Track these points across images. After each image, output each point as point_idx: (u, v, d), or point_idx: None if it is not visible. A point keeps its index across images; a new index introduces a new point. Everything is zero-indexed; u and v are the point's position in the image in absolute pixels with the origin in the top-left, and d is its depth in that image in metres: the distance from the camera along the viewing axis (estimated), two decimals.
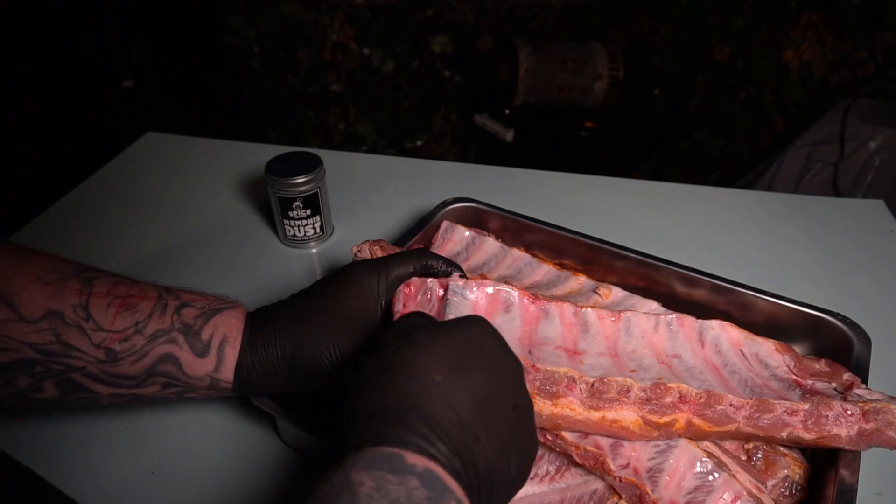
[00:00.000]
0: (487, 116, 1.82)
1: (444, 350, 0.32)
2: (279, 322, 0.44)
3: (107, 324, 0.39)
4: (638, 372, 0.44)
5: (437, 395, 0.30)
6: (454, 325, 0.34)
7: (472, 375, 0.32)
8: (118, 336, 0.39)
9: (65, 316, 0.38)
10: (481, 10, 1.94)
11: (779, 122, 2.03)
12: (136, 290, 0.41)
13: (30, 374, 0.38)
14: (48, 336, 0.38)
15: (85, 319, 0.39)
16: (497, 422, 0.32)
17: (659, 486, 0.41)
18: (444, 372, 0.31)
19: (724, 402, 0.41)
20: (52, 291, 0.38)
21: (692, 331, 0.48)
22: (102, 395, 0.41)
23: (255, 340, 0.43)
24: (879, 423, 0.40)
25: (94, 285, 0.40)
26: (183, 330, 0.41)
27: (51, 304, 0.38)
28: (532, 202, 0.84)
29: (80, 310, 0.38)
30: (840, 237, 0.79)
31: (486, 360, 0.33)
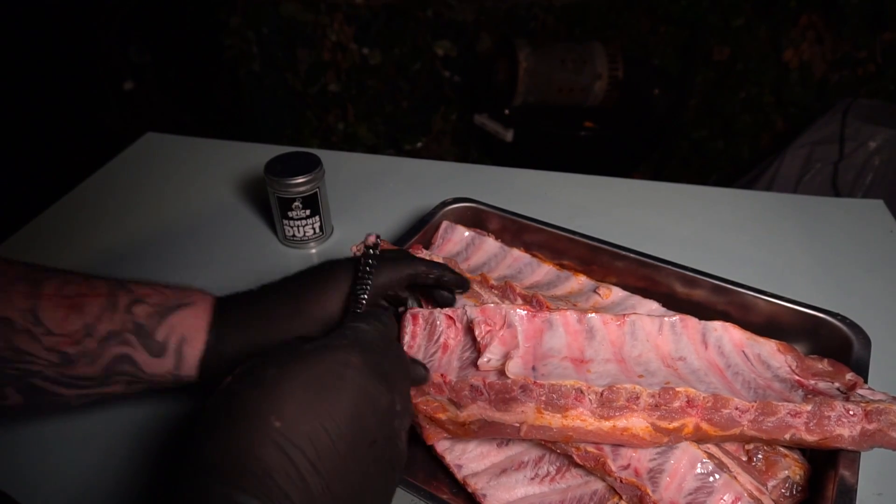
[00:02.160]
0: (487, 117, 1.82)
1: (290, 388, 0.29)
2: (251, 321, 0.42)
3: (56, 327, 0.37)
4: (645, 377, 0.44)
5: (272, 445, 0.27)
6: (313, 352, 0.31)
7: (318, 416, 0.28)
8: (69, 340, 0.38)
9: (13, 322, 0.36)
10: (481, 10, 1.93)
11: (778, 122, 2.03)
12: (86, 289, 0.39)
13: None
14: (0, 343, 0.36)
15: (34, 324, 0.37)
16: (349, 465, 0.29)
17: (660, 486, 0.41)
18: (284, 415, 0.28)
19: (729, 405, 0.41)
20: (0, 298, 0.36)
21: (696, 332, 0.48)
22: (69, 397, 0.40)
23: (222, 338, 0.41)
24: (882, 424, 0.40)
25: (43, 287, 0.38)
26: (135, 330, 0.39)
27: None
28: (532, 202, 0.84)
29: (29, 314, 0.37)
30: (840, 237, 0.79)
31: (339, 395, 0.30)
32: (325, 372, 0.30)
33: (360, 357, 0.32)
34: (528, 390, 0.41)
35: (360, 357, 0.32)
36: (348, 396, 0.30)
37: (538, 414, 0.41)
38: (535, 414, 0.41)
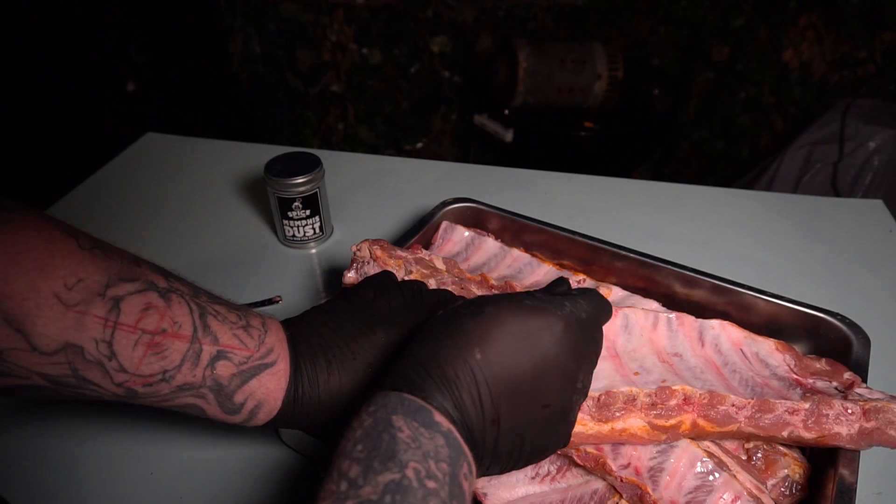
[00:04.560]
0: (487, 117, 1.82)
1: (499, 329, 0.34)
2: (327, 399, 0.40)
3: (132, 366, 0.34)
4: (641, 374, 0.44)
5: (468, 371, 0.32)
6: (531, 308, 0.35)
7: (512, 363, 0.33)
8: (142, 381, 0.35)
9: (85, 351, 0.33)
10: (481, 10, 1.94)
11: (778, 122, 2.03)
12: (168, 322, 0.35)
13: (37, 394, 0.35)
14: (64, 370, 0.33)
15: (108, 358, 0.34)
16: (520, 414, 0.33)
17: (660, 485, 0.41)
18: (486, 350, 0.33)
19: (726, 402, 0.41)
20: (73, 321, 0.32)
21: (692, 330, 0.49)
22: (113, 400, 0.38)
23: (298, 410, 0.39)
24: (880, 422, 0.40)
25: (122, 312, 0.34)
26: (214, 388, 0.37)
27: (70, 336, 0.32)
28: (532, 202, 0.84)
29: (104, 345, 0.33)
30: (839, 237, 0.79)
31: (536, 352, 0.34)
32: (533, 328, 0.34)
33: (568, 328, 0.35)
34: None
35: (568, 328, 0.35)
36: (543, 357, 0.34)
37: None
38: None
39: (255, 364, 0.38)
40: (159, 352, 0.35)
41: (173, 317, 0.35)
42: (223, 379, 0.37)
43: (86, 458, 0.53)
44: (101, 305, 0.33)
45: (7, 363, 0.32)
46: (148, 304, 0.35)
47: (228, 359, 0.37)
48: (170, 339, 0.35)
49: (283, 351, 0.39)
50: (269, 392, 0.38)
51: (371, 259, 0.57)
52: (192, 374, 0.36)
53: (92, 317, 0.33)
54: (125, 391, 0.35)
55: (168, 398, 0.36)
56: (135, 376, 0.35)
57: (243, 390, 0.38)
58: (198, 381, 0.36)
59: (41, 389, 0.34)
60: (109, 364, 0.34)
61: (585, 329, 0.37)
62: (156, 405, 0.37)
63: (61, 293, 0.32)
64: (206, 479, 0.51)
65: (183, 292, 0.37)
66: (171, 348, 0.35)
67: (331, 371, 0.40)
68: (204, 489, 0.50)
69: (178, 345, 0.35)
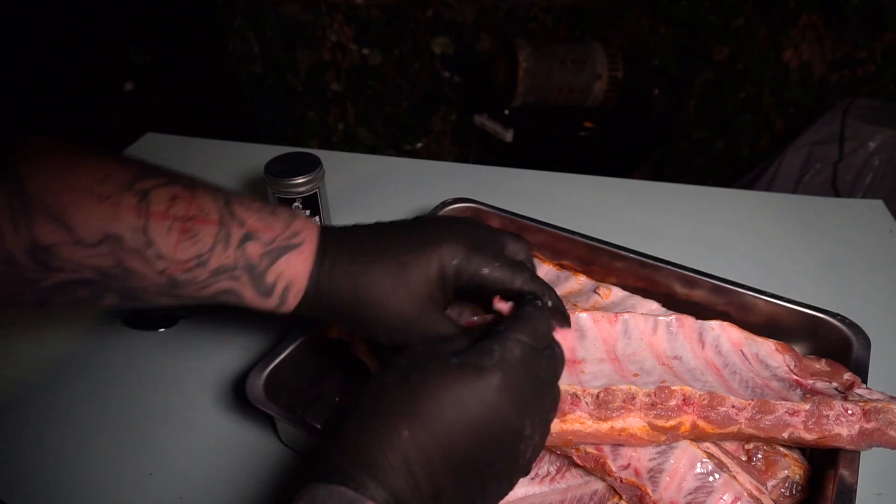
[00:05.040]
0: (487, 117, 1.82)
1: (424, 400, 0.32)
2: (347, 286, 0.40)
3: (168, 252, 0.36)
4: (641, 375, 0.44)
5: (397, 454, 0.30)
6: (456, 369, 0.33)
7: (443, 435, 0.31)
8: (180, 266, 0.37)
9: (125, 240, 0.35)
10: (481, 10, 1.94)
11: (778, 122, 2.03)
12: (196, 209, 0.37)
13: (89, 289, 0.36)
14: (109, 261, 0.35)
15: (146, 245, 0.35)
16: (463, 482, 0.32)
17: (659, 486, 0.41)
18: (413, 425, 0.31)
19: (726, 403, 0.41)
20: (108, 211, 0.34)
21: (692, 332, 0.48)
22: (163, 305, 0.40)
23: (320, 295, 0.40)
24: (880, 423, 0.40)
25: (152, 202, 0.35)
26: (247, 268, 0.38)
27: (108, 226, 0.34)
28: (532, 202, 0.84)
29: (140, 233, 0.35)
30: (839, 237, 0.79)
31: (468, 417, 0.32)
32: (463, 392, 0.32)
33: (502, 379, 0.33)
34: None
35: (502, 379, 0.33)
36: (478, 420, 0.32)
37: None
38: None
39: (281, 244, 0.39)
40: (192, 236, 0.36)
41: (200, 204, 0.37)
42: (253, 258, 0.38)
43: (85, 458, 0.53)
44: (131, 197, 0.35)
45: (59, 258, 0.34)
46: (175, 194, 0.36)
47: (256, 239, 0.38)
48: (199, 224, 0.37)
49: (311, 235, 0.41)
50: (297, 272, 0.39)
51: None
52: (225, 256, 0.38)
53: (125, 207, 0.35)
54: (167, 280, 0.37)
55: (206, 284, 0.38)
56: (173, 262, 0.36)
57: (273, 270, 0.39)
58: (231, 262, 0.38)
59: (94, 283, 0.36)
60: (148, 252, 0.35)
61: (522, 370, 0.34)
62: (197, 295, 0.38)
63: (93, 188, 0.34)
64: (205, 479, 0.51)
65: (206, 185, 0.39)
66: (202, 232, 0.37)
67: (354, 261, 0.40)
68: (204, 489, 0.50)
69: (208, 229, 0.37)
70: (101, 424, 0.56)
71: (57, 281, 0.35)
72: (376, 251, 0.41)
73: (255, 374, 0.49)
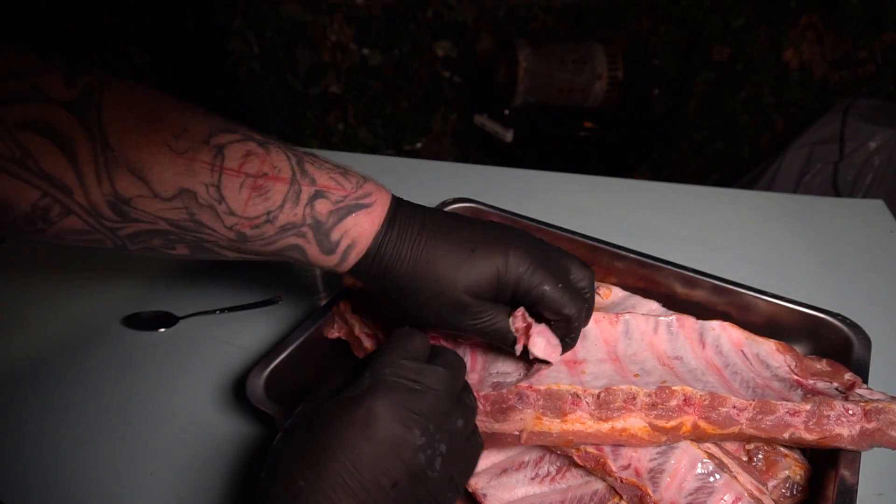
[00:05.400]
0: (487, 117, 1.82)
1: (312, 448, 0.32)
2: (410, 257, 0.40)
3: (239, 208, 0.37)
4: (641, 376, 0.44)
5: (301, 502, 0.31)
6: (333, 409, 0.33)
7: (338, 472, 0.31)
8: (249, 223, 0.38)
9: (198, 196, 0.36)
10: (481, 10, 1.93)
11: (779, 122, 2.03)
12: (268, 167, 0.38)
13: (164, 239, 0.38)
14: (182, 214, 0.36)
15: (218, 201, 0.36)
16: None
17: (660, 487, 0.41)
18: (307, 475, 0.31)
19: (727, 404, 0.41)
20: (184, 167, 0.35)
21: (693, 332, 0.48)
22: (230, 258, 0.41)
23: (379, 259, 0.41)
24: (881, 423, 0.40)
25: (226, 158, 0.36)
26: (314, 226, 0.39)
27: (183, 181, 0.35)
28: (532, 202, 0.84)
29: (213, 189, 0.36)
30: (840, 237, 0.79)
31: (357, 448, 0.32)
32: (345, 428, 0.32)
33: (378, 401, 0.33)
34: (525, 397, 0.42)
35: (378, 401, 0.33)
36: (365, 447, 0.32)
37: (537, 420, 0.42)
38: (534, 420, 0.42)
39: (351, 203, 0.40)
40: (262, 193, 0.37)
41: (273, 162, 0.38)
42: (321, 216, 0.39)
43: (85, 458, 0.53)
44: (206, 152, 0.36)
45: (136, 210, 0.35)
46: (248, 151, 0.37)
47: (326, 197, 0.39)
48: (271, 182, 0.38)
49: (383, 199, 0.41)
50: (363, 231, 0.40)
51: None
52: (293, 214, 0.38)
53: (200, 162, 0.36)
54: (236, 234, 0.38)
55: (273, 240, 0.39)
56: (242, 219, 0.37)
57: (339, 227, 0.39)
58: (298, 220, 0.39)
59: (168, 234, 0.37)
60: (220, 207, 0.37)
61: (397, 386, 0.34)
62: (263, 251, 0.39)
63: (170, 142, 0.35)
64: (205, 479, 0.51)
65: (279, 144, 0.39)
66: (272, 190, 0.38)
67: (422, 232, 0.41)
68: (204, 489, 0.50)
69: (279, 186, 0.38)
70: (101, 424, 0.56)
71: (134, 231, 0.36)
72: (448, 230, 0.41)
73: (255, 374, 0.49)
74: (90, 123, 0.33)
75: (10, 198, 0.33)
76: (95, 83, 0.34)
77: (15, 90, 0.32)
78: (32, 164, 0.33)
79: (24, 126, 0.32)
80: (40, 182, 0.33)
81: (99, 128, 0.33)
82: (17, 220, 0.34)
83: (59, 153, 0.33)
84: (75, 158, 0.33)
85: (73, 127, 0.33)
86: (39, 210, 0.34)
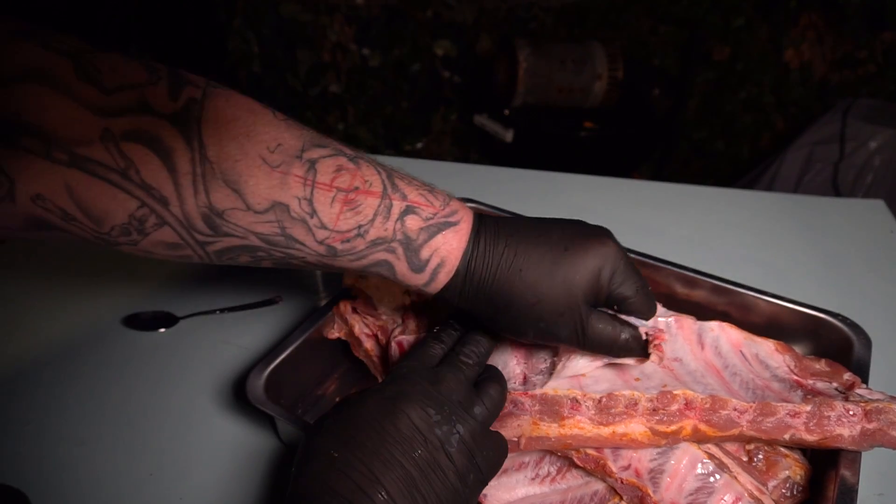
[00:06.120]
0: (487, 117, 1.82)
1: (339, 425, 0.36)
2: (500, 270, 0.40)
3: (330, 222, 0.37)
4: (642, 380, 0.44)
5: (336, 471, 0.34)
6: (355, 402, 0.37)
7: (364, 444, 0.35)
8: (340, 237, 0.38)
9: (290, 209, 0.36)
10: (481, 10, 1.94)
11: (779, 122, 2.03)
12: (359, 181, 0.38)
13: (251, 256, 0.38)
14: (274, 228, 0.36)
15: (310, 215, 0.37)
16: (396, 471, 0.34)
17: (660, 487, 0.41)
18: (340, 448, 0.35)
19: (728, 406, 0.41)
20: (278, 180, 0.36)
21: (691, 333, 0.48)
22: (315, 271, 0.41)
23: (470, 276, 0.40)
24: (882, 423, 0.40)
25: (318, 173, 0.37)
26: (404, 242, 0.39)
27: (276, 194, 0.36)
28: (532, 202, 0.84)
29: (305, 203, 0.36)
30: (840, 237, 0.79)
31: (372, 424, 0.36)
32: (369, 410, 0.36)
33: (398, 388, 0.38)
34: (520, 404, 0.42)
35: (398, 388, 0.38)
36: (387, 423, 0.36)
37: (534, 425, 0.42)
38: (532, 425, 0.42)
39: (440, 220, 0.40)
40: (354, 207, 0.38)
41: (364, 176, 0.38)
42: (412, 232, 0.39)
43: (85, 458, 0.53)
44: (299, 166, 0.36)
45: (228, 223, 0.36)
46: (340, 166, 0.38)
47: (416, 213, 0.39)
48: (363, 196, 0.38)
49: (467, 216, 0.41)
50: (452, 250, 0.40)
51: None
52: (384, 228, 0.38)
53: (293, 176, 0.36)
54: (326, 248, 0.38)
55: (363, 255, 0.39)
56: (334, 232, 0.38)
57: (429, 245, 0.39)
58: (389, 235, 0.39)
59: (257, 250, 0.38)
60: (312, 221, 0.37)
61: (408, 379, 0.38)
62: (351, 266, 0.40)
63: (265, 155, 0.36)
64: (205, 479, 0.51)
65: (368, 158, 0.40)
66: (364, 204, 0.38)
67: (510, 242, 0.40)
68: (204, 489, 0.50)
69: (371, 201, 0.38)
70: (101, 424, 0.56)
71: (224, 246, 0.37)
72: (535, 234, 0.41)
73: (256, 374, 0.49)
74: (191, 135, 0.34)
75: (110, 208, 0.34)
76: (197, 95, 0.35)
77: (124, 102, 0.33)
78: (134, 174, 0.33)
79: (129, 137, 0.33)
80: (139, 192, 0.33)
81: (199, 140, 0.34)
82: (113, 230, 0.35)
83: (159, 164, 0.33)
84: (174, 169, 0.34)
85: (175, 138, 0.33)
86: (136, 221, 0.34)
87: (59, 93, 0.32)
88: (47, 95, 0.31)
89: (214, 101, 0.35)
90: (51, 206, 0.33)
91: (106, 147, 0.32)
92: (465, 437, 0.37)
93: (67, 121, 0.32)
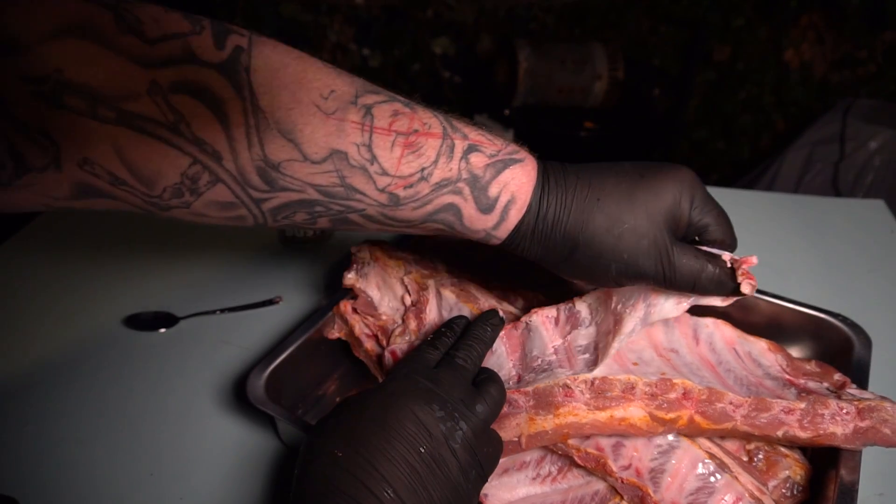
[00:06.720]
0: (487, 117, 1.82)
1: (342, 424, 0.36)
2: (575, 202, 0.38)
3: (392, 168, 0.35)
4: (640, 365, 0.43)
5: (341, 470, 0.33)
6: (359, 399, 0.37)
7: (368, 441, 0.34)
8: (403, 182, 0.36)
9: (349, 157, 0.34)
10: (481, 10, 1.94)
11: (779, 122, 2.03)
12: (419, 124, 0.36)
13: (309, 213, 0.36)
14: (333, 178, 0.34)
15: (370, 161, 0.35)
16: (401, 474, 0.34)
17: (661, 487, 0.41)
18: (343, 447, 0.34)
19: (724, 399, 0.41)
20: (334, 128, 0.34)
21: (687, 327, 0.48)
22: (370, 230, 0.39)
23: (543, 212, 0.38)
24: (875, 421, 0.40)
25: (375, 118, 0.35)
26: (470, 181, 0.37)
27: (334, 142, 0.34)
28: None
29: (364, 149, 0.34)
30: (840, 237, 0.79)
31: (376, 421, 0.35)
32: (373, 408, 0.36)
33: (399, 385, 0.37)
34: (515, 402, 0.42)
35: (399, 385, 0.37)
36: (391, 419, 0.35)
37: (531, 421, 0.41)
38: (528, 422, 0.41)
39: (505, 157, 0.38)
40: (415, 150, 0.36)
41: (421, 119, 0.37)
42: (478, 170, 0.37)
43: (85, 458, 0.53)
44: (355, 112, 0.34)
45: (285, 176, 0.34)
46: (396, 110, 0.36)
47: (480, 151, 0.37)
48: (423, 138, 0.36)
49: (531, 156, 0.40)
50: (521, 185, 0.38)
51: (371, 260, 0.57)
52: (448, 168, 0.36)
53: (349, 122, 0.34)
54: (388, 196, 0.36)
55: (428, 199, 0.37)
56: (395, 178, 0.36)
57: (498, 181, 0.37)
58: (454, 175, 0.37)
59: (314, 204, 0.36)
60: (372, 168, 0.35)
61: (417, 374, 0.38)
62: (413, 216, 0.38)
63: (319, 103, 0.34)
64: (205, 479, 0.51)
65: (423, 105, 0.38)
66: (425, 145, 0.36)
67: (581, 176, 0.38)
68: (204, 489, 0.50)
69: (432, 142, 0.36)
70: (101, 424, 0.56)
71: (280, 202, 0.35)
72: (604, 167, 0.39)
73: (256, 374, 0.49)
74: (241, 85, 0.32)
75: (161, 167, 0.32)
76: (243, 44, 0.33)
77: (169, 53, 0.31)
78: (185, 128, 0.31)
79: (177, 89, 0.31)
80: (191, 148, 0.31)
81: (250, 89, 0.32)
82: (165, 191, 0.33)
83: (210, 116, 0.31)
84: (227, 121, 0.32)
85: (225, 88, 0.31)
86: (188, 179, 0.32)
87: (102, 46, 0.29)
88: (90, 49, 0.29)
89: (261, 48, 0.33)
90: (99, 170, 0.31)
91: (154, 100, 0.30)
92: (468, 433, 0.37)
93: (112, 75, 0.30)
